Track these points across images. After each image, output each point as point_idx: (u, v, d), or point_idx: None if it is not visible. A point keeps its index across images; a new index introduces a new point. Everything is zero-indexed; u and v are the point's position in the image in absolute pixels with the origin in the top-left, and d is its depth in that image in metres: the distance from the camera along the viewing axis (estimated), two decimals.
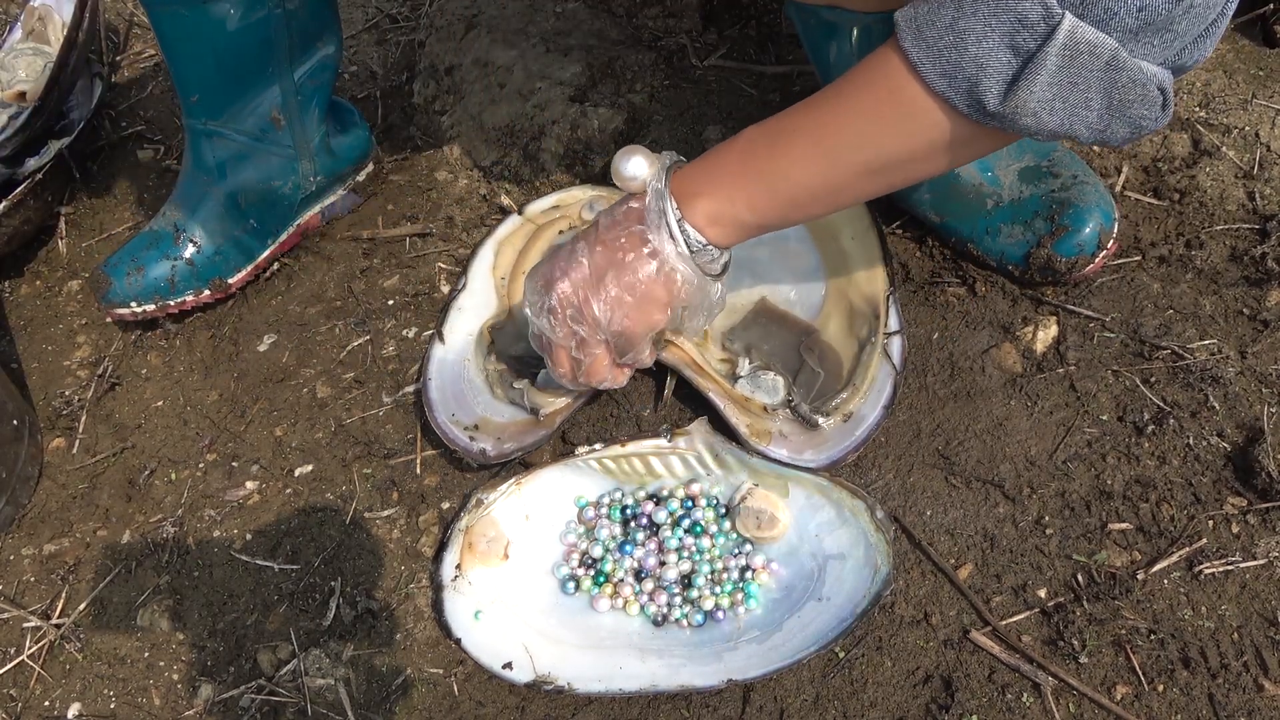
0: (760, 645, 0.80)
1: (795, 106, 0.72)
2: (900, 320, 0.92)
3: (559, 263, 0.78)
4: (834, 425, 0.88)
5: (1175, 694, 0.74)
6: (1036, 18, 0.59)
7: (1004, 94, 0.62)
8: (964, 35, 0.61)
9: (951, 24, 0.62)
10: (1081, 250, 0.91)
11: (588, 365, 0.80)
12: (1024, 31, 0.60)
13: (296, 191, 1.07)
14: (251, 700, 0.82)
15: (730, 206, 0.74)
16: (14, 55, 1.26)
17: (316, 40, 1.02)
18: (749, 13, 1.28)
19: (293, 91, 1.02)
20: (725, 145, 0.75)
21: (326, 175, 1.10)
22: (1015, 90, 0.62)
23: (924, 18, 0.63)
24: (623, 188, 0.76)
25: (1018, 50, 0.61)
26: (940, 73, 0.63)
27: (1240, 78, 1.10)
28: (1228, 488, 0.83)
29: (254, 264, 1.08)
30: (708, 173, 0.74)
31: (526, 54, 1.19)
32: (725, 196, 0.74)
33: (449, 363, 0.96)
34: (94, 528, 0.95)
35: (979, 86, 0.62)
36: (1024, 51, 0.60)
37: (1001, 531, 0.83)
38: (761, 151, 0.72)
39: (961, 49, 0.62)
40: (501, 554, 0.86)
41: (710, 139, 1.14)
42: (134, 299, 1.03)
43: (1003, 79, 0.62)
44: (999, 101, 0.62)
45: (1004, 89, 0.62)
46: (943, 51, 0.62)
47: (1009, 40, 0.60)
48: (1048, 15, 0.59)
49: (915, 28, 0.63)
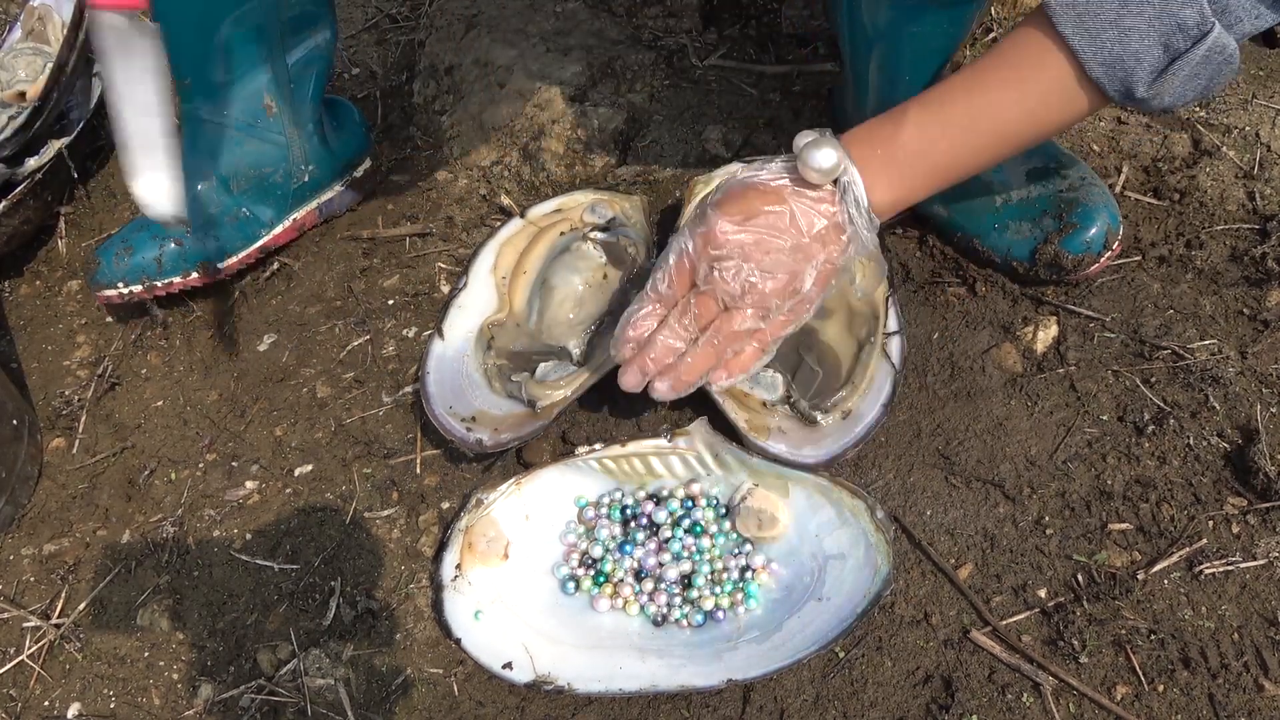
0: (760, 645, 0.80)
1: (957, 87, 0.77)
2: (900, 320, 0.92)
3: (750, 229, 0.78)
4: (832, 422, 0.88)
5: (1175, 694, 0.74)
6: (1193, 24, 0.67)
7: (1151, 83, 0.70)
8: (1128, 32, 0.68)
9: (1116, 20, 0.68)
10: (1089, 248, 0.91)
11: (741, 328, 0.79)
12: (1179, 34, 0.68)
13: (288, 180, 1.07)
14: (251, 700, 0.82)
15: (910, 192, 0.79)
16: (14, 55, 1.26)
17: (310, 28, 1.02)
18: (749, 13, 1.28)
19: (285, 78, 1.02)
20: (893, 129, 0.78)
21: (321, 167, 1.10)
22: (1160, 80, 0.70)
23: (1085, 7, 0.69)
24: (807, 177, 0.77)
25: (1170, 49, 0.69)
26: (1101, 61, 0.70)
27: (1240, 78, 1.11)
28: (1228, 488, 0.83)
29: (245, 252, 1.08)
30: (886, 161, 0.78)
31: (526, 54, 1.19)
32: (907, 186, 0.79)
33: (448, 358, 0.96)
34: (94, 528, 0.95)
35: (1133, 77, 0.70)
36: (1175, 51, 0.68)
37: (1001, 531, 0.83)
38: (940, 140, 0.77)
39: (1124, 44, 0.69)
40: (501, 554, 0.86)
41: (710, 139, 1.14)
42: (121, 279, 1.03)
43: (1154, 72, 0.70)
44: (1145, 89, 0.70)
45: (1152, 80, 0.70)
46: (1106, 44, 0.69)
47: (1165, 40, 0.68)
48: (1202, 23, 0.67)
49: (1076, 15, 0.69)
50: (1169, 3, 0.67)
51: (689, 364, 0.80)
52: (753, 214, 0.77)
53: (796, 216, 0.77)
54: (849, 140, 0.78)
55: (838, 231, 0.78)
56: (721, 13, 1.28)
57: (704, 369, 0.81)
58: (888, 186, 0.78)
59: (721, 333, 0.79)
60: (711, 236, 0.77)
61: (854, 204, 0.77)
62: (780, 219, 0.77)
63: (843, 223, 0.78)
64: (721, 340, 0.80)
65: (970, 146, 0.77)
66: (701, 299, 0.79)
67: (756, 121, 1.16)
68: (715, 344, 0.80)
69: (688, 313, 0.79)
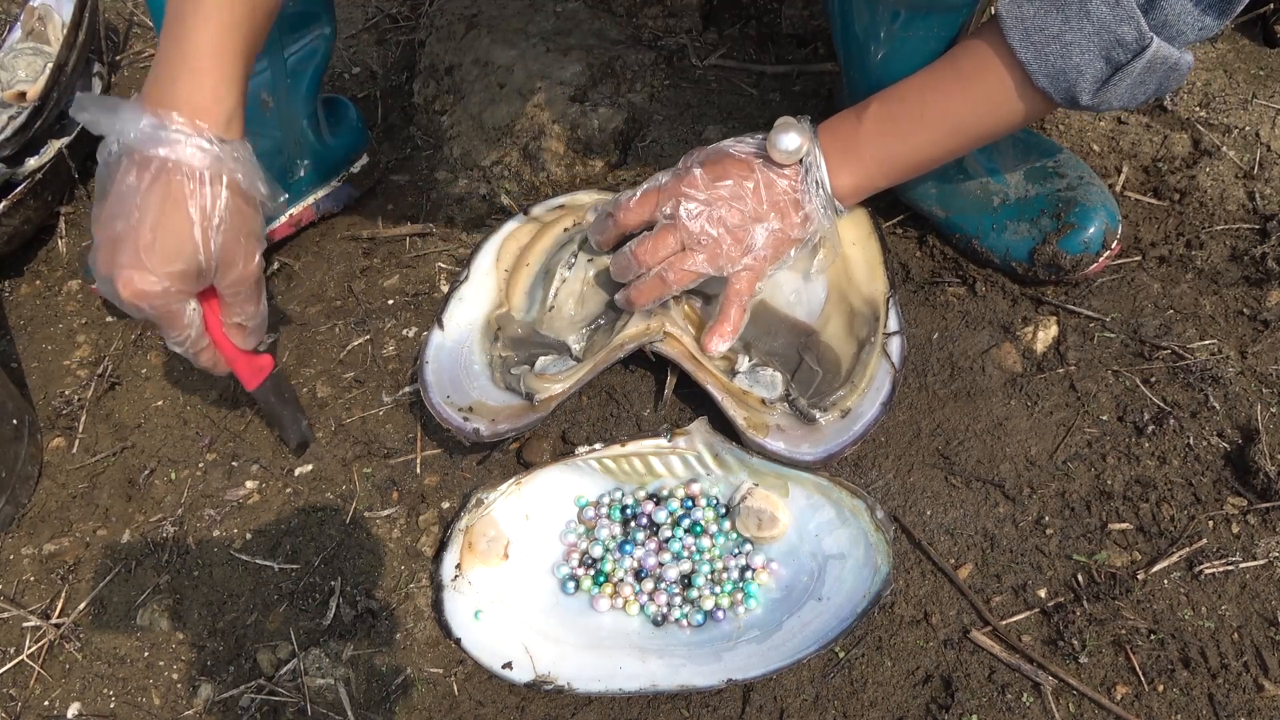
0: (760, 645, 0.80)
1: (913, 87, 0.84)
2: (900, 321, 0.92)
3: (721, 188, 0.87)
4: (831, 421, 0.88)
5: (1175, 694, 0.74)
6: (1132, 40, 0.72)
7: (1094, 93, 0.75)
8: (1070, 46, 0.74)
9: (1058, 35, 0.74)
10: (1087, 248, 0.91)
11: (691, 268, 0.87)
12: (1119, 49, 0.73)
13: (284, 176, 1.07)
14: (251, 700, 0.82)
15: (869, 180, 0.88)
16: (14, 55, 1.26)
17: (308, 25, 1.03)
18: (749, 13, 1.28)
19: (283, 74, 1.03)
20: (855, 123, 0.87)
21: (317, 163, 1.10)
22: (1103, 90, 0.75)
23: (1031, 22, 0.74)
24: (774, 156, 0.86)
25: (1111, 61, 0.73)
26: (1045, 73, 0.76)
27: (1240, 78, 1.11)
28: (1228, 488, 0.83)
29: None
30: (847, 151, 0.87)
31: (526, 54, 1.19)
32: (866, 174, 0.88)
33: (447, 348, 0.96)
34: (94, 527, 0.95)
35: (1076, 87, 0.75)
36: (1116, 63, 0.73)
37: (1001, 531, 0.83)
38: (894, 133, 0.85)
39: (1066, 57, 0.74)
40: (501, 554, 0.86)
41: (710, 139, 1.14)
42: None
43: (1096, 82, 0.75)
44: (1090, 98, 0.76)
45: (1095, 89, 0.75)
46: (1049, 58, 0.75)
47: (1105, 54, 0.73)
48: (1141, 38, 0.72)
49: (1023, 29, 0.75)
50: (1107, 20, 0.71)
51: (640, 288, 0.89)
52: (724, 176, 0.86)
53: (760, 186, 0.86)
54: (821, 130, 0.88)
55: (796, 207, 0.87)
56: (721, 13, 1.28)
57: (652, 296, 0.89)
58: (849, 173, 0.87)
59: (673, 267, 0.87)
60: (687, 180, 0.87)
61: (814, 185, 0.87)
62: (745, 184, 0.86)
63: (802, 200, 0.87)
64: (672, 275, 0.87)
65: (924, 141, 0.85)
66: (664, 231, 0.87)
67: (756, 121, 1.16)
68: (665, 277, 0.87)
69: (647, 239, 0.88)
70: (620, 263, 0.91)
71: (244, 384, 0.89)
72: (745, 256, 0.87)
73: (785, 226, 0.87)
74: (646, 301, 0.89)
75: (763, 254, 0.87)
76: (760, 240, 0.87)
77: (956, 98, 0.82)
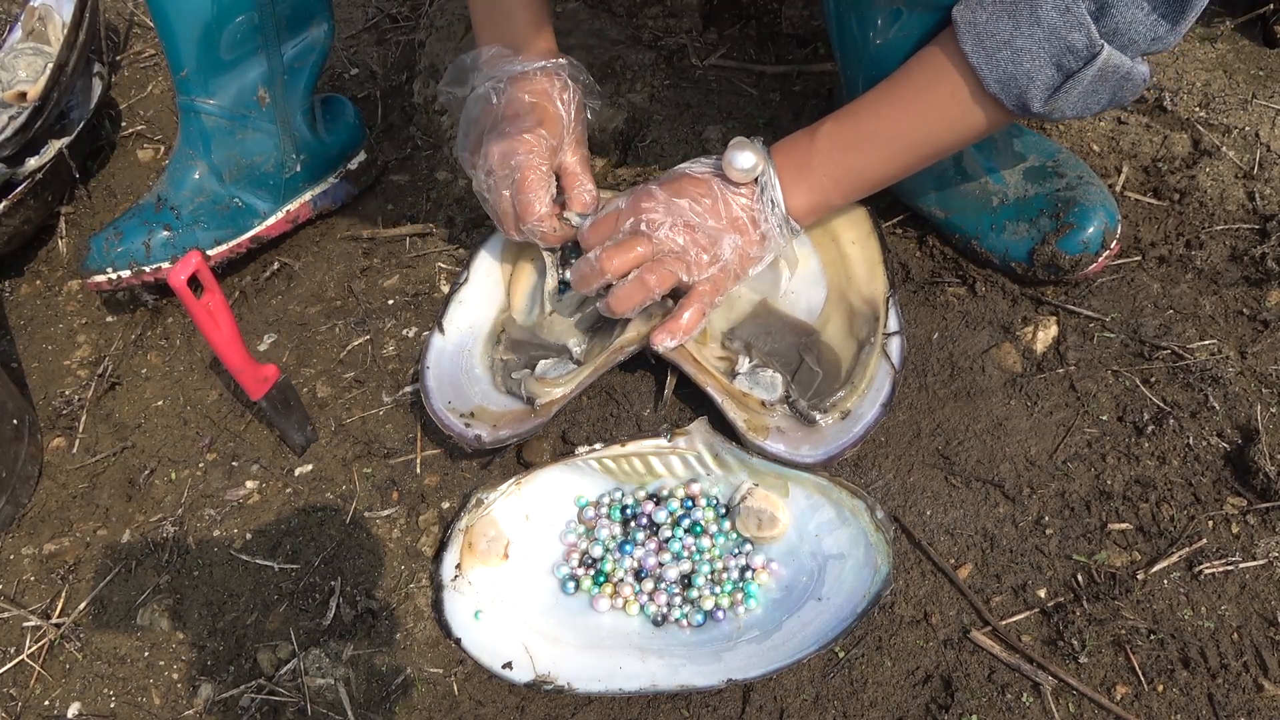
0: (760, 645, 0.80)
1: (867, 102, 0.84)
2: (900, 321, 0.92)
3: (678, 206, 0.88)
4: (831, 422, 0.88)
5: (1175, 694, 0.74)
6: (1082, 46, 0.72)
7: (1046, 100, 0.75)
8: (1020, 52, 0.73)
9: (1009, 40, 0.73)
10: (1086, 248, 0.91)
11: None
12: (1070, 55, 0.72)
13: (280, 170, 1.08)
14: (251, 700, 0.82)
15: (824, 198, 0.87)
16: (14, 55, 1.26)
17: (306, 22, 1.04)
18: (749, 13, 1.28)
19: (280, 71, 1.03)
20: (809, 141, 0.86)
21: (313, 159, 1.10)
22: (1055, 97, 0.75)
23: (984, 27, 0.74)
24: (729, 175, 0.86)
25: (1062, 69, 0.73)
26: (996, 79, 0.75)
27: (1240, 78, 1.11)
28: (1228, 488, 0.83)
29: (236, 241, 1.08)
30: (801, 169, 0.86)
31: None
32: (820, 190, 0.87)
33: (447, 353, 0.96)
34: (94, 527, 0.95)
35: (1027, 94, 0.75)
36: (1067, 70, 0.73)
37: (1001, 531, 0.83)
38: (848, 151, 0.85)
39: (1017, 63, 0.74)
40: (501, 554, 0.86)
41: (710, 139, 1.14)
42: (110, 264, 1.03)
43: (1048, 89, 0.75)
44: (1041, 105, 0.76)
45: (1047, 97, 0.75)
46: (1000, 63, 0.75)
47: (1056, 60, 0.73)
48: (1091, 45, 0.72)
49: (975, 35, 0.75)
50: (1057, 26, 0.71)
51: (618, 294, 0.87)
52: (681, 193, 0.87)
53: (719, 202, 0.87)
54: (775, 149, 0.87)
55: (754, 225, 0.87)
56: (721, 13, 1.28)
57: (635, 300, 0.87)
58: (804, 191, 0.87)
59: (654, 270, 0.86)
60: (644, 196, 0.87)
61: (769, 204, 0.86)
62: (704, 200, 0.87)
63: (758, 219, 0.87)
64: (654, 279, 0.86)
65: (878, 157, 0.85)
66: (628, 240, 0.86)
67: (756, 121, 1.16)
68: (647, 280, 0.86)
69: (611, 247, 0.87)
70: (582, 270, 0.88)
71: (249, 394, 0.89)
72: (713, 266, 0.87)
73: (745, 244, 0.87)
74: (628, 308, 0.87)
75: (731, 269, 0.87)
76: (728, 251, 0.87)
77: (910, 111, 0.81)
